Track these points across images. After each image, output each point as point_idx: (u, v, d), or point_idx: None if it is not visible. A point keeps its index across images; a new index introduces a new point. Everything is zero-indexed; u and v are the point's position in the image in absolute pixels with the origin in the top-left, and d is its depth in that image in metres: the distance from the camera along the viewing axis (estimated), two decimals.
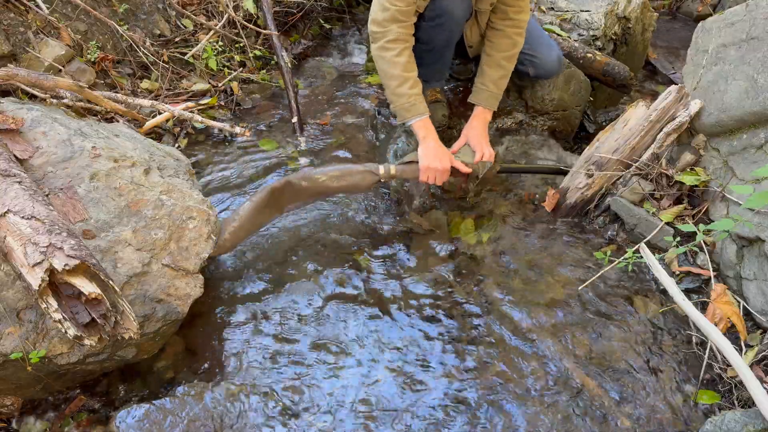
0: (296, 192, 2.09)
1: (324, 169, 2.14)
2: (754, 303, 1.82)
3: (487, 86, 2.36)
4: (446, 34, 2.30)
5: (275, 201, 2.06)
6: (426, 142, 2.18)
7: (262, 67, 3.11)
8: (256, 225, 2.05)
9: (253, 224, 2.03)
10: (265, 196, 2.01)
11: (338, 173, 2.11)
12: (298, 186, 2.07)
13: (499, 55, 2.33)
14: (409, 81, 2.16)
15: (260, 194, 2.01)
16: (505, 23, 2.30)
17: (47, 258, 1.31)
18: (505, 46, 2.32)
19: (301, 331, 1.87)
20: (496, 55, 2.34)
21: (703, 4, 4.57)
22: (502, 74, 2.36)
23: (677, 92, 2.22)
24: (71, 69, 2.42)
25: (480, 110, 2.37)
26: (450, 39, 2.34)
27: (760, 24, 2.00)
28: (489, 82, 2.35)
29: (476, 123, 2.35)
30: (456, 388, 1.73)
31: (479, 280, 2.07)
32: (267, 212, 2.06)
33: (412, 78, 2.18)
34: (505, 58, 2.34)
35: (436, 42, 2.33)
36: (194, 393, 1.64)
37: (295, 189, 2.08)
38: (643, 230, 2.12)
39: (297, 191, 2.09)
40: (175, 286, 1.69)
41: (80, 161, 1.79)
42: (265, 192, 2.01)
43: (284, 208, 2.13)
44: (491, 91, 2.36)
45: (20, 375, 1.53)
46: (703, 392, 1.70)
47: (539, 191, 2.48)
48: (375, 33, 2.15)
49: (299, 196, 2.12)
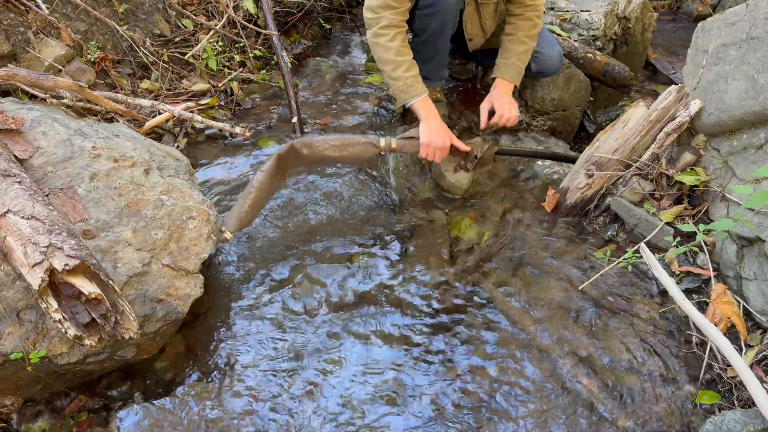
0: (298, 158, 2.15)
1: (326, 137, 2.20)
2: (754, 303, 1.82)
3: (510, 59, 2.40)
4: (439, 22, 2.31)
5: (282, 166, 2.13)
6: (428, 120, 2.21)
7: (262, 67, 3.11)
8: (271, 192, 2.15)
9: (269, 193, 2.12)
10: (273, 164, 2.08)
11: (339, 143, 2.17)
12: (300, 152, 2.13)
13: (522, 33, 2.39)
14: (403, 64, 2.20)
15: (269, 163, 2.08)
16: (524, 8, 2.37)
17: (47, 258, 1.31)
18: (526, 26, 2.38)
19: (301, 331, 1.87)
20: (518, 33, 2.39)
21: (703, 4, 4.57)
22: (525, 49, 2.40)
23: (677, 92, 2.22)
24: (71, 69, 2.42)
25: (502, 82, 2.42)
26: (443, 28, 2.35)
27: (760, 24, 2.00)
28: (512, 56, 2.40)
29: (498, 90, 2.41)
30: (455, 387, 1.73)
31: (479, 279, 2.07)
32: (277, 179, 2.13)
33: (407, 61, 2.21)
34: (527, 36, 2.39)
35: (430, 31, 2.35)
36: (194, 393, 1.65)
37: (297, 155, 2.14)
38: (643, 230, 2.12)
39: (299, 157, 2.15)
40: (175, 286, 1.69)
41: (80, 161, 1.79)
42: (272, 160, 2.08)
43: (287, 172, 2.20)
44: (514, 64, 2.40)
45: (20, 375, 1.52)
46: (703, 392, 1.69)
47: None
48: (369, 20, 2.20)
49: (301, 163, 2.19)
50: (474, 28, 2.46)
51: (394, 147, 2.22)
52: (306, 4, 3.38)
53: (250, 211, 2.02)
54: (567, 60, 2.83)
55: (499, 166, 2.55)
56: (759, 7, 2.03)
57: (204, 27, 2.99)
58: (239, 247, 2.11)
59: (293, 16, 3.37)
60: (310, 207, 2.30)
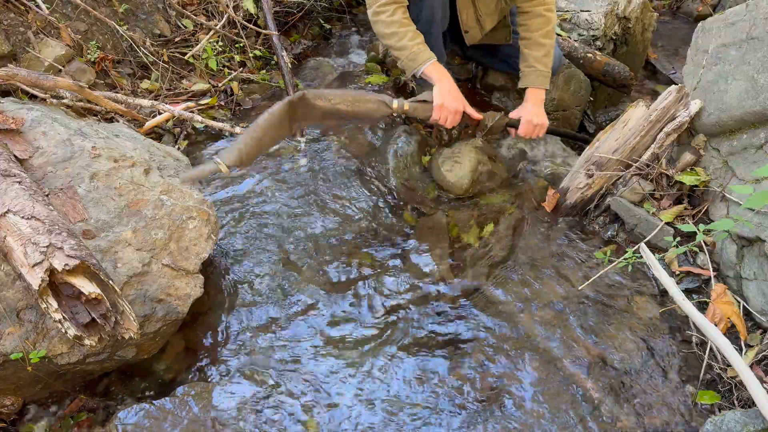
0: (309, 109, 2.08)
1: (339, 91, 2.15)
2: (754, 303, 1.82)
3: (534, 66, 2.35)
4: (428, 6, 2.29)
5: (291, 115, 2.04)
6: (441, 83, 2.18)
7: (262, 67, 3.11)
8: (274, 138, 2.05)
9: (272, 138, 2.02)
10: (282, 108, 1.99)
11: (352, 98, 2.12)
12: (312, 103, 2.06)
13: (536, 35, 2.33)
14: (408, 34, 2.17)
15: (278, 106, 1.99)
16: (532, 4, 2.31)
17: (47, 258, 1.31)
18: (539, 24, 2.32)
19: (302, 331, 1.87)
20: (533, 36, 2.33)
21: (703, 4, 4.57)
22: (544, 52, 2.34)
23: (677, 92, 2.22)
24: (71, 69, 2.42)
25: (532, 92, 2.37)
26: (432, 14, 2.31)
27: (760, 24, 2.00)
28: (534, 62, 2.34)
29: (529, 103, 2.36)
30: (455, 387, 1.73)
31: (479, 279, 2.07)
32: (283, 127, 2.04)
33: (411, 31, 2.18)
34: (543, 35, 2.33)
35: (422, 18, 2.32)
36: (194, 393, 1.64)
37: (308, 105, 2.07)
38: (643, 230, 2.12)
39: (310, 108, 2.08)
40: (175, 286, 1.69)
41: (80, 161, 1.79)
42: (283, 104, 1.99)
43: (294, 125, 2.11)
44: (539, 70, 2.35)
45: (20, 375, 1.52)
46: (703, 392, 1.69)
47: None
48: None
49: (311, 114, 2.11)
50: (470, 20, 2.41)
51: (406, 109, 2.18)
52: (306, 4, 3.37)
53: (252, 148, 1.90)
54: (567, 60, 2.83)
55: (499, 166, 2.55)
56: (759, 7, 2.03)
57: (204, 27, 2.99)
58: (239, 247, 2.11)
59: (293, 16, 3.36)
60: (310, 207, 2.30)
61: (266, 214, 2.24)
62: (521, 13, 2.36)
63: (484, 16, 2.43)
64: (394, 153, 2.48)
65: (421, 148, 2.57)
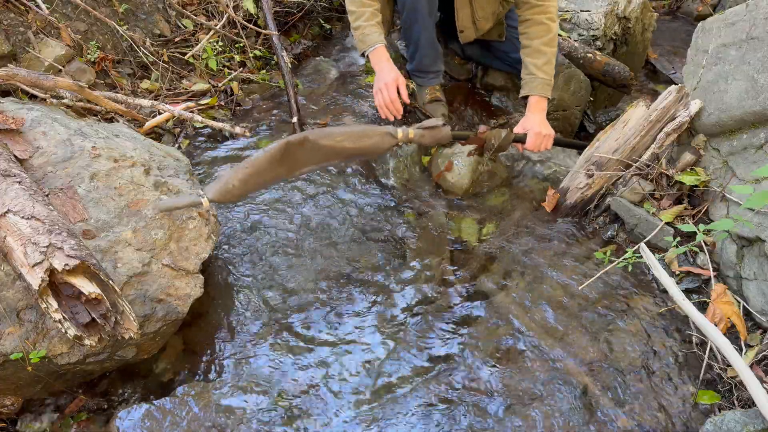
0: (312, 150, 1.96)
1: (343, 128, 2.07)
2: (754, 303, 1.82)
3: (535, 74, 2.32)
4: None
5: (288, 158, 1.92)
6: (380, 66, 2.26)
7: (262, 67, 3.11)
8: (268, 178, 1.90)
9: (265, 177, 1.88)
10: (280, 149, 1.87)
11: (357, 134, 2.05)
12: (315, 143, 1.95)
13: (537, 42, 2.30)
14: (365, 14, 2.22)
15: (275, 146, 1.87)
16: (533, 11, 2.28)
17: (47, 258, 1.31)
18: (539, 32, 2.29)
19: (302, 331, 1.87)
20: (533, 44, 2.30)
21: (703, 4, 4.57)
22: (545, 60, 2.31)
23: (677, 92, 2.22)
24: (71, 69, 2.42)
25: (534, 100, 2.34)
26: (415, 2, 2.31)
27: (760, 24, 2.00)
28: (535, 70, 2.31)
29: (532, 113, 2.34)
30: (455, 387, 1.73)
31: (478, 279, 2.07)
32: (278, 169, 1.91)
33: (368, 11, 2.22)
34: (544, 43, 2.30)
35: (407, 6, 2.34)
36: (194, 393, 1.64)
37: (311, 146, 1.95)
38: (643, 230, 2.12)
39: (313, 149, 1.96)
40: (175, 286, 1.69)
41: (80, 161, 1.79)
42: (280, 145, 1.88)
43: (294, 170, 1.99)
44: (540, 78, 2.31)
45: (20, 375, 1.52)
46: (703, 392, 1.69)
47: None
48: None
49: (314, 156, 1.98)
50: (465, 19, 2.40)
51: (411, 137, 2.15)
52: (306, 4, 3.37)
53: (237, 186, 1.77)
54: (567, 60, 2.83)
55: (499, 166, 2.55)
56: (759, 7, 2.03)
57: (204, 27, 2.99)
58: (240, 247, 2.11)
59: (293, 16, 3.36)
60: (310, 207, 2.30)
61: (266, 214, 2.24)
62: (522, 21, 2.33)
63: (480, 20, 2.43)
64: (394, 153, 2.48)
65: (421, 148, 2.57)
